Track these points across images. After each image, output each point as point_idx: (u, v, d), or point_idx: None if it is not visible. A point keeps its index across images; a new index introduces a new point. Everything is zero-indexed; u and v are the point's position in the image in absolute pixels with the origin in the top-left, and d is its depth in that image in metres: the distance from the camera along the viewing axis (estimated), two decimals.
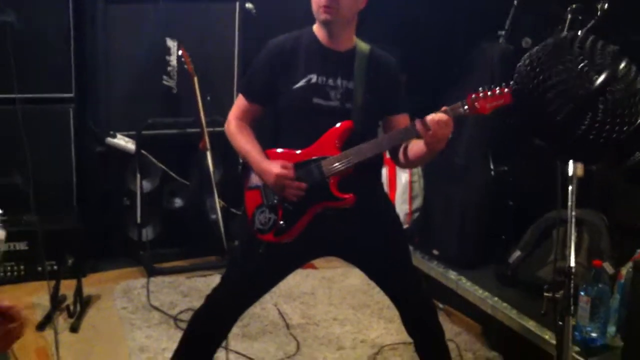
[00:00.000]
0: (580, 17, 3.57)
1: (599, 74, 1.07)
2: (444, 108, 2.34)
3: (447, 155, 3.67)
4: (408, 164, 2.60)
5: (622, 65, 1.08)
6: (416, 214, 4.12)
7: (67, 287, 3.60)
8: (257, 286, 2.69)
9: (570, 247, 1.88)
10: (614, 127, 1.07)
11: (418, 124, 2.33)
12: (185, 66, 4.05)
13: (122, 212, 4.21)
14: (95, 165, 4.17)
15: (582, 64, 1.07)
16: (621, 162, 0.98)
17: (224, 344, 2.82)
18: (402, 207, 4.07)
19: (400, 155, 2.56)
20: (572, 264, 1.85)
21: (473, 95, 2.33)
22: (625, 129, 1.07)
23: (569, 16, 3.55)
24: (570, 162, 1.75)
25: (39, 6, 3.80)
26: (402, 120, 2.55)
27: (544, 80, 1.09)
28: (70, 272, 3.77)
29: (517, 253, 3.46)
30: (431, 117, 2.30)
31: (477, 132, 3.78)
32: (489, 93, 2.32)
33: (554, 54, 1.10)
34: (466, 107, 2.33)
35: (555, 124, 1.08)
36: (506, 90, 2.31)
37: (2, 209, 3.79)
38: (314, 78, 2.49)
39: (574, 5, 3.58)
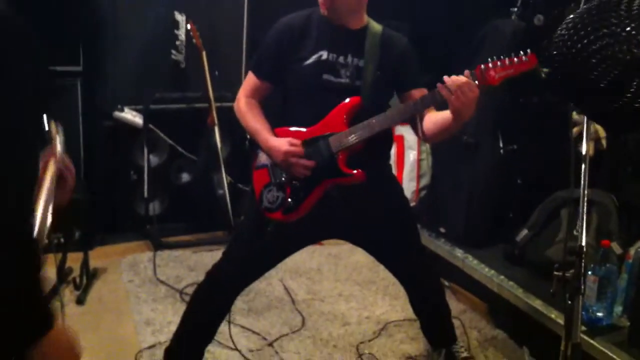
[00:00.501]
0: None
1: None
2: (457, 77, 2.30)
3: (455, 134, 3.65)
4: (431, 137, 2.52)
5: None
6: (423, 192, 4.11)
7: (74, 260, 3.60)
8: (261, 264, 2.69)
9: (582, 226, 1.86)
10: None
11: (442, 88, 2.28)
12: (194, 40, 4.03)
13: (129, 186, 4.22)
14: (103, 139, 4.16)
15: (628, 27, 1.01)
16: None
17: (227, 317, 2.82)
18: (409, 185, 4.06)
19: (423, 128, 2.51)
20: (584, 243, 1.83)
21: (482, 66, 2.30)
22: None
23: None
24: (584, 141, 1.72)
25: None
26: (419, 94, 2.50)
27: (587, 44, 1.02)
28: (77, 245, 3.76)
29: (525, 232, 3.44)
30: (452, 80, 2.26)
31: (486, 110, 3.74)
32: (498, 63, 2.29)
33: (598, 17, 1.04)
34: (474, 76, 2.30)
35: (600, 90, 1.03)
36: (515, 59, 2.28)
37: None
38: (324, 55, 2.47)
39: None
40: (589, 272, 2.87)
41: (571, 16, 1.06)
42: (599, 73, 1.00)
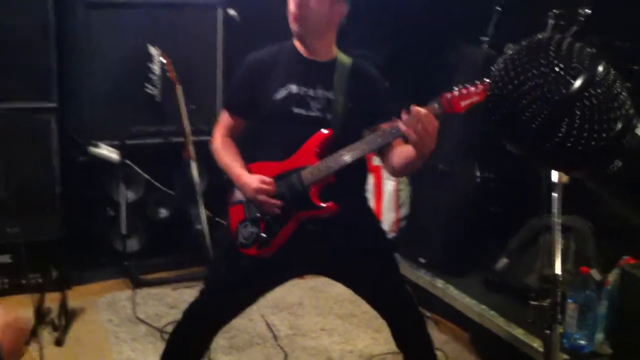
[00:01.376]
0: (562, 23, 3.57)
1: (576, 78, 1.03)
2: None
3: (432, 162, 3.67)
4: (399, 170, 2.53)
5: (601, 68, 1.05)
6: (403, 223, 4.11)
7: (52, 300, 3.55)
8: (239, 301, 2.67)
9: (555, 254, 1.87)
10: (593, 134, 1.03)
11: (400, 122, 2.28)
12: (168, 74, 4.02)
13: (106, 222, 4.18)
14: (79, 175, 4.12)
15: (557, 68, 1.04)
16: (601, 171, 0.96)
17: (207, 356, 2.79)
18: (388, 216, 4.06)
19: (391, 161, 2.52)
20: (558, 271, 1.84)
21: (448, 95, 2.32)
22: (604, 135, 1.04)
23: (551, 22, 3.55)
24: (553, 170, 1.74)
25: (20, 13, 3.74)
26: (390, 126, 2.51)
27: (518, 85, 1.05)
28: (54, 285, 3.72)
29: (504, 260, 3.45)
30: (412, 114, 2.23)
31: (461, 138, 3.78)
32: (464, 91, 2.31)
33: (528, 58, 1.06)
34: (440, 105, 2.31)
35: (531, 131, 1.04)
36: (481, 86, 2.30)
37: None
38: (294, 88, 2.49)
39: (555, 11, 3.59)
40: (569, 300, 2.89)
41: (503, 57, 1.09)
42: (530, 114, 1.02)
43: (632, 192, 1.15)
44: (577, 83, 1.00)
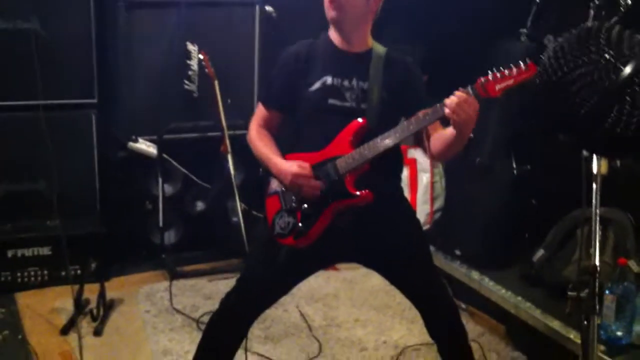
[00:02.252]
0: (603, 13, 3.52)
1: (626, 65, 1.02)
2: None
3: (469, 155, 3.65)
4: (438, 155, 2.54)
5: None
6: (438, 214, 4.09)
7: (91, 292, 3.62)
8: (275, 290, 2.68)
9: (594, 245, 1.85)
10: None
11: (443, 106, 2.30)
12: (206, 70, 4.07)
13: (144, 216, 4.24)
14: (118, 170, 4.20)
15: (607, 55, 1.03)
16: None
17: (243, 345, 2.81)
18: (423, 208, 4.05)
19: (430, 146, 2.53)
20: (597, 262, 1.81)
21: (482, 79, 2.30)
22: None
23: (592, 12, 3.50)
24: (595, 159, 1.72)
25: (62, 13, 3.83)
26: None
27: (568, 72, 1.04)
28: (93, 277, 3.79)
29: (541, 252, 3.41)
30: (452, 97, 2.28)
31: (499, 131, 3.75)
32: (498, 75, 2.30)
33: (578, 45, 1.05)
34: (474, 89, 2.30)
35: (581, 117, 1.03)
36: (515, 70, 2.28)
37: (26, 214, 3.86)
38: (329, 80, 2.50)
39: (597, 1, 3.53)
40: (607, 291, 2.84)
41: (553, 45, 1.08)
42: (579, 100, 1.01)
43: None
44: (627, 70, 0.99)
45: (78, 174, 4.02)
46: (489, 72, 2.31)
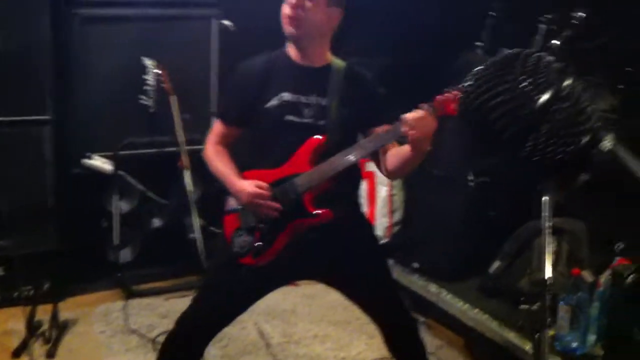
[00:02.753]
0: (555, 28, 3.56)
1: (542, 93, 1.02)
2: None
3: (426, 167, 3.65)
4: (394, 172, 2.52)
5: (567, 82, 1.04)
6: (396, 228, 4.09)
7: (45, 312, 3.54)
8: (232, 308, 2.64)
9: (546, 258, 1.85)
10: (559, 147, 1.02)
11: (401, 124, 2.28)
12: (163, 85, 4.03)
13: (100, 233, 4.16)
14: (72, 187, 4.12)
15: (524, 84, 1.03)
16: (568, 184, 0.94)
17: None
18: (382, 221, 4.04)
19: (385, 163, 2.51)
20: (548, 275, 1.81)
21: (440, 97, 2.29)
22: (570, 149, 1.03)
23: (543, 27, 3.54)
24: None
25: (16, 27, 3.74)
26: (382, 131, 2.50)
27: (488, 99, 1.04)
28: (47, 297, 3.70)
29: (498, 263, 3.43)
30: (411, 114, 2.25)
31: (456, 142, 3.75)
32: (455, 93, 2.28)
33: (496, 73, 1.06)
34: (432, 107, 2.29)
35: (502, 142, 1.04)
36: None
37: None
38: (286, 96, 2.48)
39: (548, 16, 3.57)
40: (561, 302, 2.86)
41: (475, 69, 1.08)
42: (500, 126, 1.01)
43: (599, 205, 1.13)
44: (543, 98, 0.99)
45: (32, 192, 3.92)
46: (445, 89, 2.29)
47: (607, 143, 1.00)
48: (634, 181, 1.03)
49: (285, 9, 2.45)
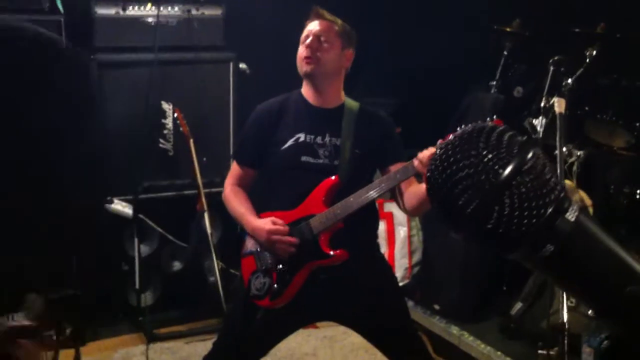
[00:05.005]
0: (562, 69, 3.59)
1: (505, 167, 1.05)
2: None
3: None
4: (414, 209, 2.53)
5: (529, 155, 1.06)
6: (416, 268, 4.08)
7: (67, 357, 3.53)
8: (253, 352, 2.65)
9: (563, 302, 1.85)
10: (523, 220, 1.04)
11: (415, 161, 2.32)
12: (181, 128, 4.07)
13: (121, 277, 4.18)
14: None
15: (486, 158, 1.05)
16: (533, 255, 0.95)
17: None
18: (401, 262, 4.04)
19: (404, 201, 2.53)
20: (565, 319, 1.81)
21: (451, 137, 2.30)
22: (534, 221, 1.05)
23: (552, 68, 3.58)
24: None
25: None
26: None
27: (452, 174, 1.07)
28: (69, 341, 3.71)
29: (519, 305, 3.41)
30: (424, 152, 2.29)
31: None
32: None
33: (460, 147, 1.09)
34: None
35: (467, 216, 1.06)
36: None
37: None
38: (302, 137, 2.51)
39: (555, 58, 3.61)
40: (584, 343, 2.83)
41: (444, 142, 1.11)
42: (463, 201, 1.03)
43: (565, 276, 1.14)
44: (506, 172, 1.02)
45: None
46: (458, 129, 2.32)
47: (572, 214, 1.02)
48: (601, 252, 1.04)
49: (302, 50, 2.50)
